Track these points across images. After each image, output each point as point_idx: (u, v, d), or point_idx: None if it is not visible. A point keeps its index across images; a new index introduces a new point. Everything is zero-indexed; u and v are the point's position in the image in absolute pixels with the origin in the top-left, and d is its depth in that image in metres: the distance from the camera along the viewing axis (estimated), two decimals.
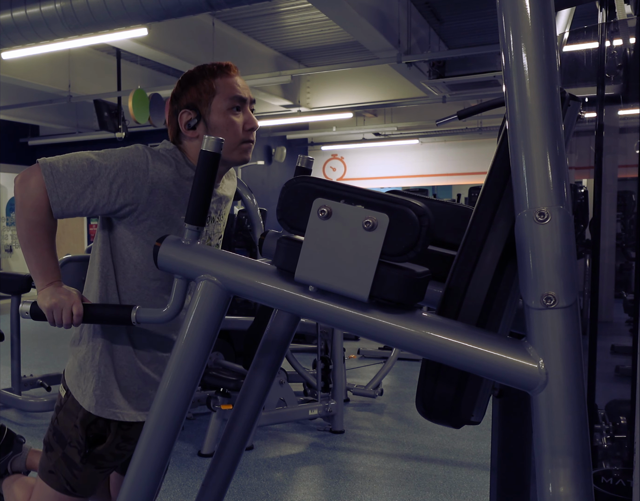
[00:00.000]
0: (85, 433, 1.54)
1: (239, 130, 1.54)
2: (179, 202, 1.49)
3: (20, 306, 1.45)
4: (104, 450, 1.56)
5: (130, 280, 1.52)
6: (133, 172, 1.42)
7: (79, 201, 1.42)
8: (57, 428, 1.57)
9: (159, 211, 1.46)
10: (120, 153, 1.45)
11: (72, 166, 1.41)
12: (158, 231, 1.47)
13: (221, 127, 1.52)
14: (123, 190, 1.42)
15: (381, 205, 0.88)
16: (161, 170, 1.45)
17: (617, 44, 2.05)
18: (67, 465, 1.55)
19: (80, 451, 1.54)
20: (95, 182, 1.41)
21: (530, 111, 0.82)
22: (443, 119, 1.39)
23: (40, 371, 5.08)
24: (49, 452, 1.58)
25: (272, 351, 1.34)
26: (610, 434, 2.07)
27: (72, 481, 1.56)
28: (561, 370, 0.82)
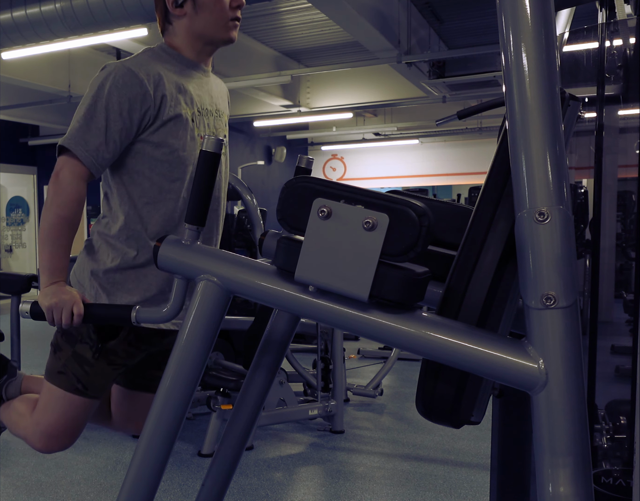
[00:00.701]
0: (97, 327, 1.54)
1: (226, 7, 1.58)
2: (174, 97, 1.55)
3: (20, 306, 1.45)
4: (116, 345, 1.57)
5: (150, 189, 1.57)
6: (131, 91, 1.48)
7: (107, 147, 1.49)
8: (65, 329, 1.58)
9: (163, 111, 1.52)
10: (109, 84, 1.50)
11: (83, 125, 1.49)
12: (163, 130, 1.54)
13: (208, 3, 1.57)
14: (133, 111, 1.49)
15: (381, 205, 0.88)
16: (149, 69, 1.52)
17: (617, 44, 2.05)
18: (78, 362, 1.56)
19: (92, 347, 1.55)
20: (108, 122, 1.48)
21: (530, 111, 0.82)
22: (443, 119, 1.40)
23: (40, 371, 5.07)
24: (58, 352, 1.58)
25: (272, 351, 1.34)
26: (610, 434, 2.07)
27: (83, 378, 1.56)
28: (561, 370, 0.82)
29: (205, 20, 1.57)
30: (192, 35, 1.60)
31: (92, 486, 2.97)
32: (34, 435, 1.65)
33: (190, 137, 1.58)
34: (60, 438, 1.62)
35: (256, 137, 12.19)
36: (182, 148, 1.56)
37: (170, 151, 1.55)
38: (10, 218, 11.94)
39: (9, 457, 3.34)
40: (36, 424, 1.64)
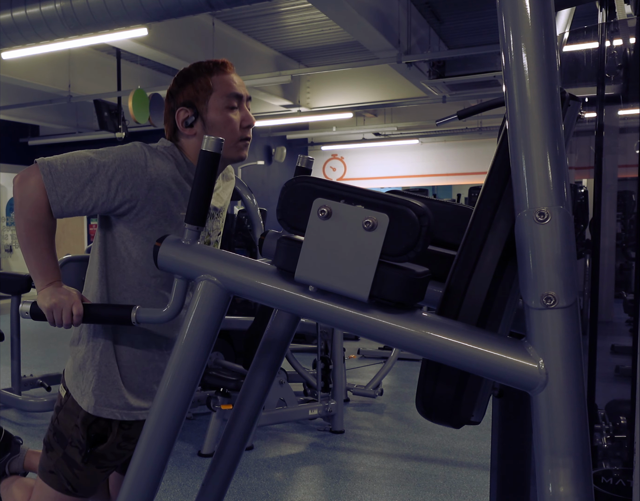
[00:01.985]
0: (87, 432, 1.53)
1: (237, 127, 1.54)
2: (178, 199, 1.49)
3: (20, 306, 1.44)
4: (105, 450, 1.56)
5: (131, 278, 1.52)
6: (132, 169, 1.42)
7: (78, 199, 1.42)
8: (57, 428, 1.57)
9: (158, 208, 1.46)
10: (118, 150, 1.45)
11: (70, 164, 1.42)
12: (157, 227, 1.47)
13: (218, 124, 1.52)
14: (122, 187, 1.42)
15: (381, 205, 0.88)
16: (160, 167, 1.45)
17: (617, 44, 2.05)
18: (68, 464, 1.55)
19: (81, 451, 1.54)
20: (94, 179, 1.41)
21: (530, 111, 0.82)
22: (443, 119, 1.39)
23: (40, 371, 5.08)
24: (50, 452, 1.58)
25: (272, 351, 1.34)
26: (610, 434, 2.07)
27: (73, 481, 1.56)
28: (561, 370, 0.82)
29: None
30: None
31: None
32: None
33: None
34: None
35: (256, 137, 12.19)
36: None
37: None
38: (10, 218, 11.94)
39: None
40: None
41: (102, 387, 1.53)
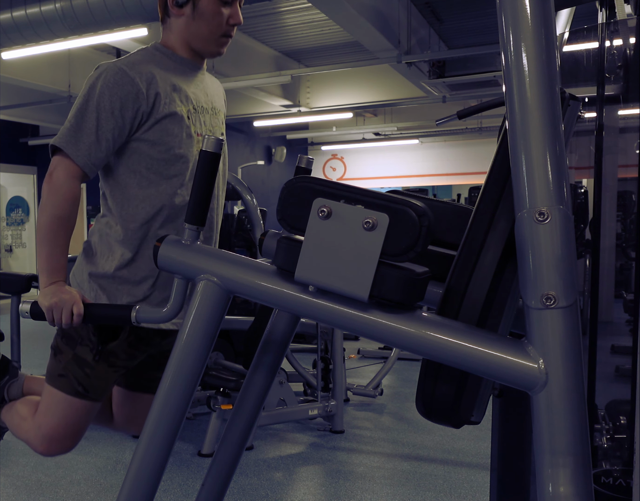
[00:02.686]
0: (97, 329, 1.54)
1: (223, 22, 1.59)
2: (169, 95, 1.55)
3: (20, 306, 1.45)
4: (116, 347, 1.56)
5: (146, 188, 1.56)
6: (123, 90, 1.48)
7: (99, 146, 1.49)
8: (66, 331, 1.57)
9: (157, 108, 1.52)
10: (101, 82, 1.50)
11: (74, 124, 1.49)
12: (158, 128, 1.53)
13: (208, 14, 1.57)
14: (124, 109, 1.49)
15: (381, 205, 0.88)
16: (142, 68, 1.52)
17: (617, 44, 2.05)
18: (78, 364, 1.55)
19: (92, 349, 1.54)
20: (99, 122, 1.48)
21: (530, 111, 0.82)
22: (443, 119, 1.40)
23: (40, 371, 5.07)
24: (58, 355, 1.58)
25: (272, 351, 1.34)
26: (610, 434, 2.07)
27: (84, 381, 1.55)
28: (561, 370, 0.82)
29: (199, 28, 1.58)
30: (184, 38, 1.61)
31: (92, 486, 2.97)
32: (36, 438, 1.64)
33: (187, 135, 1.58)
34: (62, 441, 1.61)
35: (256, 137, 12.19)
36: (178, 145, 1.56)
37: (166, 149, 1.55)
38: (10, 218, 11.94)
39: (9, 457, 3.34)
40: (38, 427, 1.64)
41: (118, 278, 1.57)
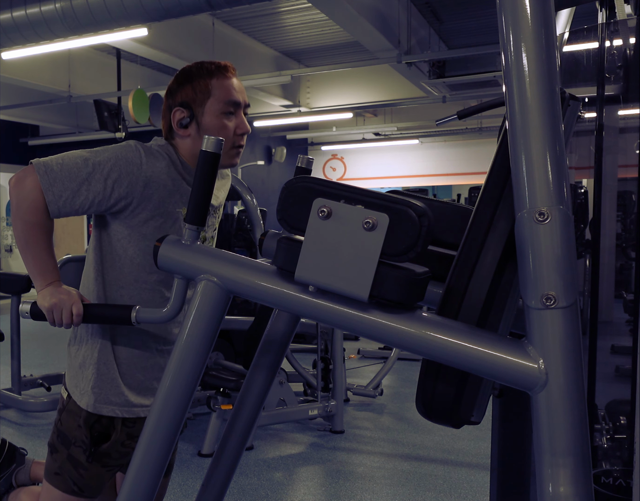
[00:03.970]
0: (90, 431, 1.54)
1: (230, 134, 1.54)
2: (174, 195, 1.49)
3: (20, 306, 1.44)
4: (109, 448, 1.56)
5: (127, 275, 1.52)
6: (127, 167, 1.43)
7: (74, 199, 1.42)
8: (60, 430, 1.57)
9: (154, 205, 1.46)
10: (113, 149, 1.46)
11: (66, 164, 1.42)
12: (153, 224, 1.48)
13: (213, 129, 1.52)
14: (118, 185, 1.42)
15: (381, 205, 0.88)
16: (154, 164, 1.46)
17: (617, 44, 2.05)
18: (73, 465, 1.55)
19: (85, 451, 1.54)
20: (90, 178, 1.42)
21: (530, 111, 0.82)
22: (443, 119, 1.39)
23: (40, 371, 5.08)
24: (54, 454, 1.58)
25: (272, 351, 1.34)
26: (610, 434, 2.07)
27: (79, 481, 1.56)
28: (561, 370, 0.82)
29: None
30: (193, 156, 1.55)
31: None
32: None
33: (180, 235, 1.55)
34: None
35: (256, 137, 12.19)
36: None
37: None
38: (10, 218, 11.94)
39: None
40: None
41: (101, 385, 1.53)
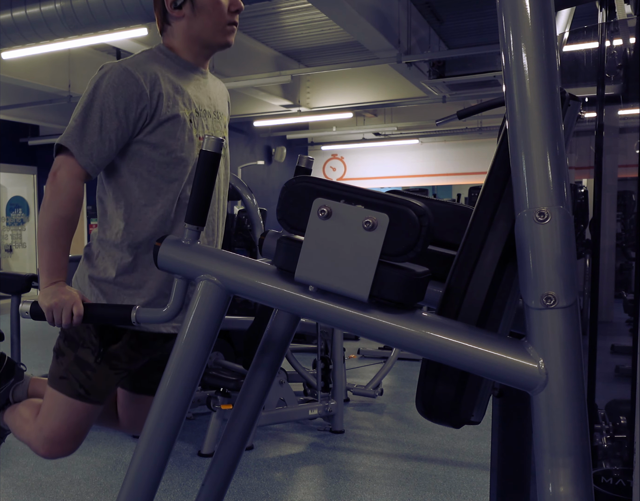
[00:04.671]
0: (99, 332, 1.53)
1: (224, 10, 1.58)
2: (171, 98, 1.54)
3: (20, 306, 1.45)
4: (118, 349, 1.56)
5: (148, 191, 1.56)
6: (128, 90, 1.47)
7: (102, 146, 1.48)
8: (68, 333, 1.57)
9: (160, 108, 1.52)
10: (105, 82, 1.49)
11: (79, 124, 1.48)
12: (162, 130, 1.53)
13: (207, 6, 1.56)
14: (129, 110, 1.48)
15: (381, 205, 0.88)
16: (146, 69, 1.51)
17: (617, 44, 2.05)
18: (80, 367, 1.55)
19: (94, 351, 1.54)
20: (103, 122, 1.47)
21: (530, 111, 0.82)
22: (443, 119, 1.40)
23: (40, 371, 5.07)
24: (60, 357, 1.57)
25: (272, 351, 1.34)
26: (610, 434, 2.07)
27: (86, 383, 1.55)
28: (561, 370, 0.82)
29: (203, 23, 1.57)
30: (189, 37, 1.60)
31: (92, 486, 2.97)
32: (37, 441, 1.64)
33: (189, 138, 1.57)
34: (64, 443, 1.61)
35: (256, 137, 12.19)
36: (180, 149, 1.56)
37: (168, 152, 1.54)
38: (10, 218, 11.94)
39: (9, 457, 3.34)
40: (39, 429, 1.64)
41: (120, 281, 1.56)
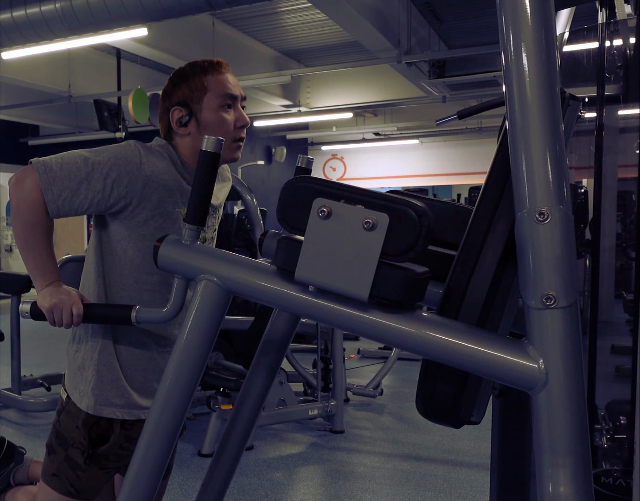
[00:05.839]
0: (88, 433, 1.53)
1: (230, 128, 1.55)
2: (174, 195, 1.49)
3: (20, 306, 1.44)
4: (107, 450, 1.56)
5: (127, 276, 1.51)
6: (126, 167, 1.43)
7: (74, 198, 1.42)
8: (59, 431, 1.57)
9: (153, 205, 1.46)
10: (113, 149, 1.46)
11: (65, 163, 1.42)
12: (153, 224, 1.48)
13: (212, 124, 1.53)
14: (117, 184, 1.42)
15: (381, 205, 0.88)
16: (155, 164, 1.46)
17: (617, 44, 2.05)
18: (70, 466, 1.55)
19: (83, 452, 1.54)
20: (89, 178, 1.42)
21: (530, 111, 0.82)
22: (443, 119, 1.39)
23: (40, 371, 5.08)
24: (52, 455, 1.58)
25: (272, 351, 1.34)
26: (610, 434, 2.07)
27: (76, 483, 1.55)
28: (561, 370, 0.82)
29: None
30: (195, 152, 1.55)
31: None
32: None
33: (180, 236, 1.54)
34: None
35: (256, 137, 12.19)
36: None
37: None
38: (10, 218, 11.94)
39: None
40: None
41: (101, 386, 1.52)
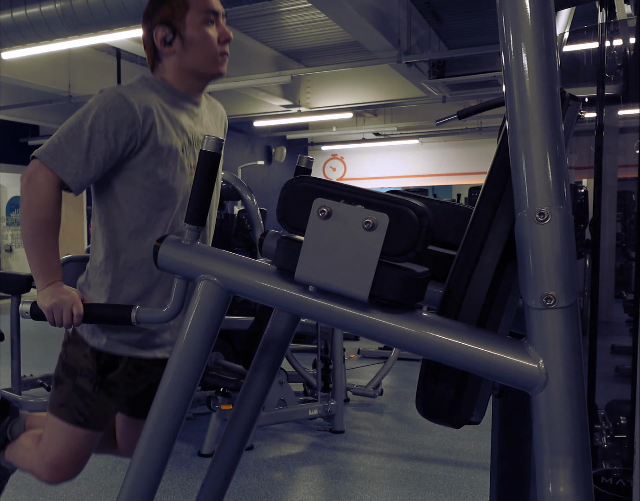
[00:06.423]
0: (96, 360, 1.54)
1: (215, 42, 1.60)
2: (165, 125, 1.53)
3: (20, 306, 1.45)
4: (115, 377, 1.57)
5: (138, 218, 1.55)
6: (119, 114, 1.46)
7: (88, 166, 1.46)
8: (66, 362, 1.58)
9: (153, 137, 1.51)
10: (98, 104, 1.48)
11: (63, 142, 1.45)
12: (154, 159, 1.52)
13: (197, 40, 1.57)
14: (119, 134, 1.46)
15: (381, 205, 0.88)
16: (142, 98, 1.51)
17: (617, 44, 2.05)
18: (78, 395, 1.56)
19: (92, 380, 1.55)
20: (91, 142, 1.45)
21: (530, 111, 0.82)
22: (443, 119, 1.40)
23: (40, 371, 5.08)
24: (59, 386, 1.59)
25: (272, 351, 1.34)
26: (610, 434, 2.07)
27: (85, 412, 1.56)
28: (561, 370, 0.82)
29: (195, 56, 1.58)
30: (182, 71, 1.60)
31: (92, 486, 2.97)
32: (40, 467, 1.66)
33: (180, 168, 1.56)
34: (65, 469, 1.63)
35: (256, 137, 12.19)
36: (171, 178, 1.55)
37: (159, 181, 1.53)
38: (10, 218, 11.95)
39: None
40: (41, 456, 1.65)
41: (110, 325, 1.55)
